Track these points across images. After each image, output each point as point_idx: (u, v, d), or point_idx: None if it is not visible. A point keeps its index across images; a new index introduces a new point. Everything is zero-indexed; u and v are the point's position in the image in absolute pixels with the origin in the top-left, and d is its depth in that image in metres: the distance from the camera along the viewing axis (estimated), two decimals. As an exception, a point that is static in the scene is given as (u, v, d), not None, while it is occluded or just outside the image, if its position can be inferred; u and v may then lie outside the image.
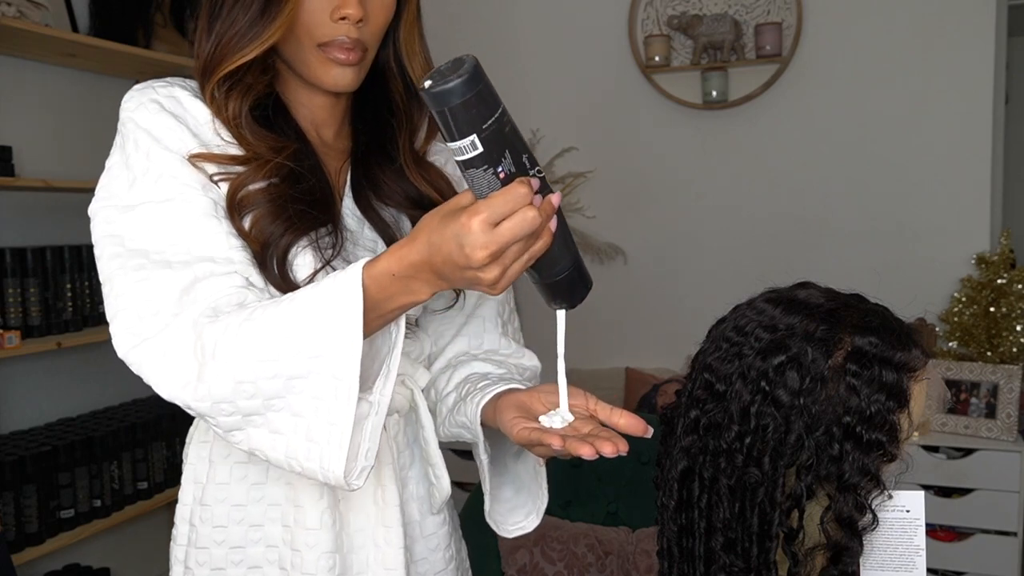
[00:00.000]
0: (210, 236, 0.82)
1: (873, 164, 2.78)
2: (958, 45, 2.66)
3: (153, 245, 0.82)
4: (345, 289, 0.72)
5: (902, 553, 0.84)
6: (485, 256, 0.67)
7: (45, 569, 2.22)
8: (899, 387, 0.78)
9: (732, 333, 0.83)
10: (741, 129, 2.92)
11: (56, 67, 2.37)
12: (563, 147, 3.07)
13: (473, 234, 0.66)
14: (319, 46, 0.87)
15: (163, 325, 0.79)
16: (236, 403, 0.76)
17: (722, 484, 0.80)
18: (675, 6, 2.96)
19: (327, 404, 0.74)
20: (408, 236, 0.73)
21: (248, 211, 0.85)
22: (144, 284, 0.80)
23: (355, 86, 0.91)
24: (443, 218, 0.69)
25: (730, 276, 2.84)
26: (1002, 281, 2.59)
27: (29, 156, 2.26)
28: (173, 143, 0.85)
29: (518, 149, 0.68)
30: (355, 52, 0.87)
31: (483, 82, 0.65)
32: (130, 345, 0.80)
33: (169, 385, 0.78)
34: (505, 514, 0.95)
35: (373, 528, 0.93)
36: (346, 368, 0.73)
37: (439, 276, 0.71)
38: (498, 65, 3.23)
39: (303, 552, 0.90)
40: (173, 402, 0.79)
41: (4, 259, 2.09)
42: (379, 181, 0.96)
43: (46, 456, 2.10)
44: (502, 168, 0.66)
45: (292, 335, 0.73)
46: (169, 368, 0.78)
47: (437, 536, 1.01)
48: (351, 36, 0.86)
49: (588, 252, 3.09)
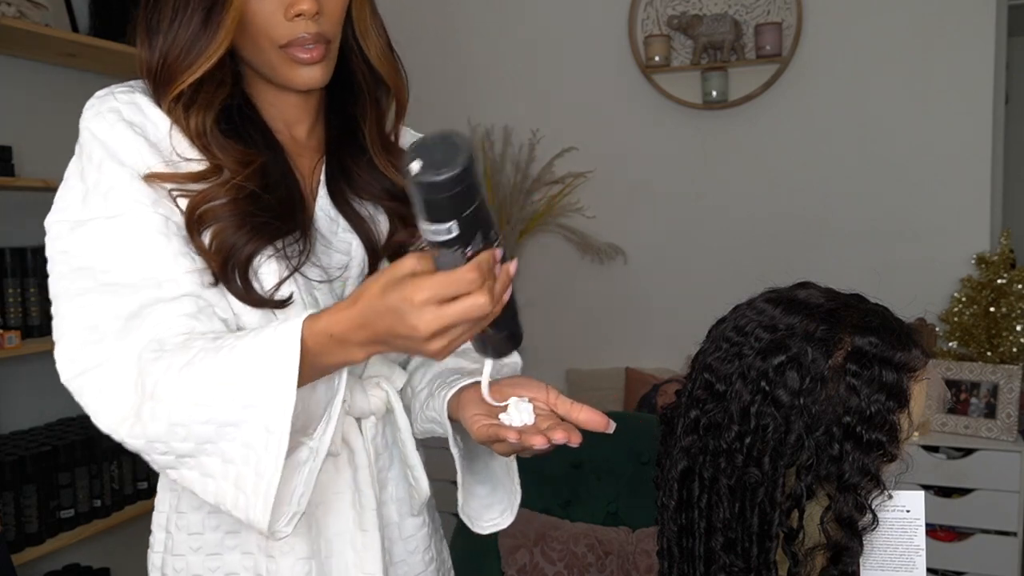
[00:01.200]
0: (158, 257, 0.80)
1: (873, 164, 2.78)
2: (958, 45, 2.66)
3: (100, 264, 0.80)
4: (283, 342, 0.72)
5: (902, 553, 0.84)
6: (429, 333, 0.66)
7: (45, 569, 2.22)
8: (899, 387, 0.78)
9: (732, 333, 0.83)
10: (741, 129, 2.92)
11: (56, 67, 2.37)
12: (563, 147, 3.07)
13: (417, 309, 0.65)
14: (281, 48, 0.84)
15: (106, 355, 0.78)
16: (170, 444, 0.76)
17: (722, 484, 0.80)
18: (675, 6, 2.96)
19: (257, 454, 0.73)
20: (350, 298, 0.71)
21: (209, 225, 0.83)
22: (87, 309, 0.79)
23: (326, 81, 0.88)
24: (384, 287, 0.67)
25: (730, 276, 2.84)
26: (1002, 281, 2.59)
27: (29, 156, 2.26)
28: (128, 156, 0.82)
29: (488, 225, 0.66)
30: (318, 48, 0.85)
31: (473, 169, 0.61)
32: (72, 373, 0.79)
33: (107, 418, 0.78)
34: (480, 511, 0.95)
35: (351, 532, 0.92)
36: (278, 421, 0.72)
37: (378, 342, 0.70)
38: (498, 65, 3.25)
39: (278, 559, 0.89)
40: (109, 435, 0.79)
41: (4, 259, 2.09)
42: (353, 174, 0.94)
43: (46, 456, 2.10)
44: (471, 247, 0.65)
45: (228, 383, 0.73)
46: (108, 402, 0.78)
47: (416, 538, 1.00)
48: (311, 32, 0.83)
49: (588, 252, 3.09)
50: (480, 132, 3.17)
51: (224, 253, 0.82)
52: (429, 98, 2.97)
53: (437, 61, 3.18)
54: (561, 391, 0.83)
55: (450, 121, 3.10)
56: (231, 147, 0.85)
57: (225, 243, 0.82)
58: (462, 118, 3.17)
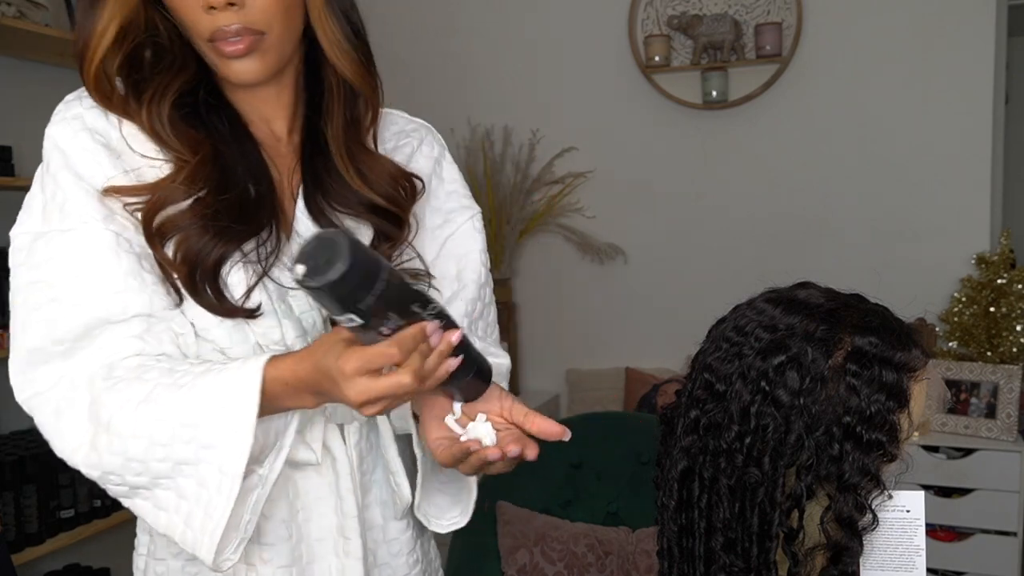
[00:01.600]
0: (106, 275, 0.78)
1: (873, 164, 2.78)
2: (958, 45, 2.66)
3: (51, 278, 0.79)
4: (243, 387, 0.73)
5: (902, 553, 0.84)
6: (359, 402, 0.68)
7: (45, 569, 2.22)
8: (899, 387, 0.78)
9: (732, 333, 0.83)
10: (741, 129, 2.92)
11: (56, 67, 2.37)
12: (563, 147, 3.07)
13: (348, 379, 0.67)
14: (207, 41, 0.80)
15: (56, 378, 0.78)
16: (124, 477, 0.77)
17: (722, 484, 0.80)
18: (675, 6, 2.96)
19: (209, 494, 0.75)
20: (305, 350, 0.73)
21: (171, 236, 0.79)
22: (37, 327, 0.79)
23: (264, 76, 0.83)
24: (327, 350, 0.69)
25: (730, 276, 2.84)
26: (1002, 281, 2.59)
27: (29, 156, 2.25)
28: (85, 168, 0.80)
29: (405, 302, 0.67)
30: (242, 41, 0.79)
31: (358, 264, 0.61)
32: (26, 395, 0.80)
33: (62, 445, 0.79)
34: (442, 509, 0.95)
35: (334, 539, 0.91)
36: (233, 463, 0.74)
37: (325, 396, 0.73)
38: (498, 65, 3.25)
39: (258, 567, 0.88)
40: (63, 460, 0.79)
41: (4, 259, 2.09)
42: (327, 185, 0.88)
43: (46, 456, 2.09)
44: (385, 327, 0.66)
45: (188, 424, 0.74)
46: (63, 429, 0.78)
47: (400, 541, 0.98)
48: (231, 24, 0.78)
49: (588, 252, 3.09)
50: (480, 132, 3.17)
51: (190, 261, 0.79)
52: (429, 98, 2.98)
53: (437, 61, 3.18)
54: (561, 391, 0.83)
55: (450, 121, 3.11)
56: (184, 132, 0.82)
57: (191, 250, 0.79)
58: (462, 118, 3.17)
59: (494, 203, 3.12)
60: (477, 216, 1.02)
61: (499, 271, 3.14)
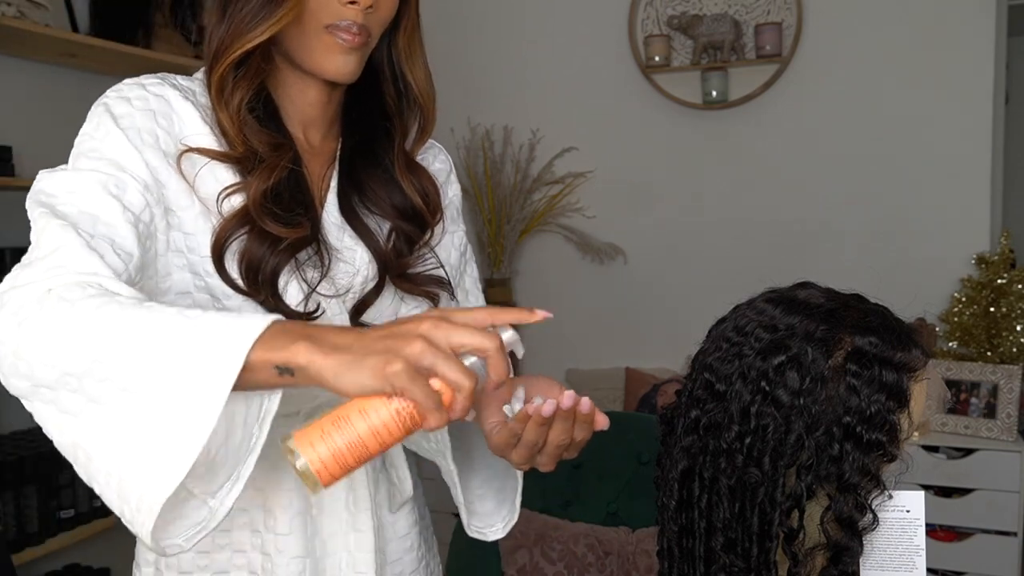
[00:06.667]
0: (108, 211, 0.77)
1: (873, 164, 2.78)
2: (958, 45, 2.66)
3: (52, 191, 0.80)
4: (244, 321, 0.62)
5: (902, 553, 0.84)
6: (415, 349, 0.59)
7: (45, 569, 2.22)
8: (899, 387, 0.78)
9: (732, 333, 0.83)
10: (741, 129, 2.91)
11: (56, 67, 2.37)
12: (563, 147, 3.07)
13: (431, 318, 0.61)
14: (326, 27, 0.85)
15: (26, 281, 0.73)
16: (82, 381, 0.67)
17: (722, 484, 0.80)
18: (675, 6, 2.96)
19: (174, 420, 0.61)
20: None
21: (231, 242, 0.83)
22: (37, 236, 0.78)
23: (355, 76, 0.89)
24: None
25: (730, 276, 2.84)
26: (1002, 281, 2.59)
27: (29, 156, 2.25)
28: (140, 140, 0.82)
29: None
30: (360, 36, 0.86)
31: None
32: None
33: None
34: (490, 514, 0.96)
35: (345, 533, 0.92)
36: (212, 400, 0.60)
37: (328, 346, 0.60)
38: (498, 65, 3.24)
39: (273, 556, 0.90)
40: None
41: (4, 259, 2.09)
42: (365, 186, 0.94)
43: (46, 456, 2.09)
44: None
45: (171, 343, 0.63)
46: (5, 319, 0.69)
47: (410, 536, 1.01)
48: (358, 22, 0.85)
49: (588, 252, 3.09)
50: (480, 132, 3.17)
51: (253, 268, 0.83)
52: (429, 98, 2.97)
53: (437, 61, 3.16)
54: (561, 392, 0.83)
55: (450, 121, 3.11)
56: (262, 131, 0.87)
57: (254, 257, 0.83)
58: (462, 118, 3.17)
59: (494, 203, 3.12)
60: (459, 232, 1.07)
61: (499, 271, 3.14)
